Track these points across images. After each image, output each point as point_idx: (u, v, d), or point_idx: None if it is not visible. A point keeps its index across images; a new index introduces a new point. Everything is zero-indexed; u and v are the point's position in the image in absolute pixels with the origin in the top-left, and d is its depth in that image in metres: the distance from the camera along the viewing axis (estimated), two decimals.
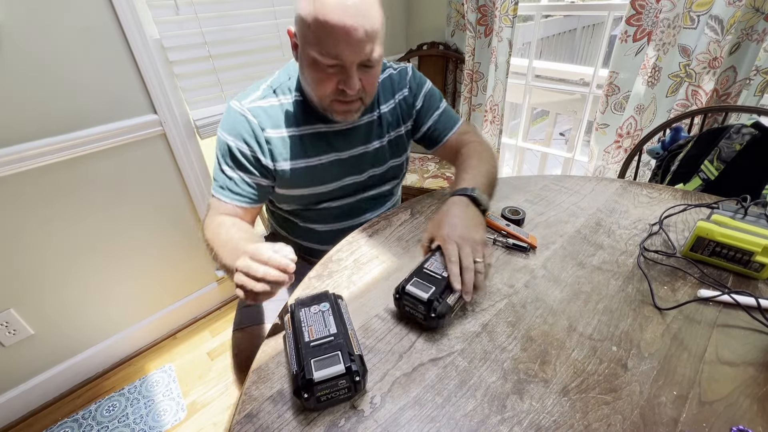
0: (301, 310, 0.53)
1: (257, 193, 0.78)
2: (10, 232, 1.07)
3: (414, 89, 0.86)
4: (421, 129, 0.88)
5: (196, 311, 1.59)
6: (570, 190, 0.91)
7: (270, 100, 0.76)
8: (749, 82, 1.07)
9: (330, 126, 0.78)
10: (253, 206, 0.78)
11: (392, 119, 0.85)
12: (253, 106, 0.74)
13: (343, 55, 0.62)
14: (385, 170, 0.88)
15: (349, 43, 0.61)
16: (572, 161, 1.78)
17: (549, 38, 4.68)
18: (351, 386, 0.46)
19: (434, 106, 0.87)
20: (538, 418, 0.46)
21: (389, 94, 0.84)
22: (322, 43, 0.61)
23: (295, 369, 0.47)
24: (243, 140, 0.73)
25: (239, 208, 0.76)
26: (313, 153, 0.78)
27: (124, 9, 1.05)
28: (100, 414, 1.24)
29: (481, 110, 1.68)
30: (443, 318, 0.55)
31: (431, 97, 0.87)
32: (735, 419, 0.44)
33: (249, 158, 0.74)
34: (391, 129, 0.85)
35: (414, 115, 0.87)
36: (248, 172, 0.75)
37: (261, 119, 0.74)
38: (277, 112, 0.75)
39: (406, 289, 0.55)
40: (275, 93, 0.76)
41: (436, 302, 0.54)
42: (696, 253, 0.66)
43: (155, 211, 1.33)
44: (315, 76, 0.66)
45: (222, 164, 0.75)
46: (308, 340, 0.48)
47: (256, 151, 0.74)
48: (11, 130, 0.99)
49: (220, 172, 0.76)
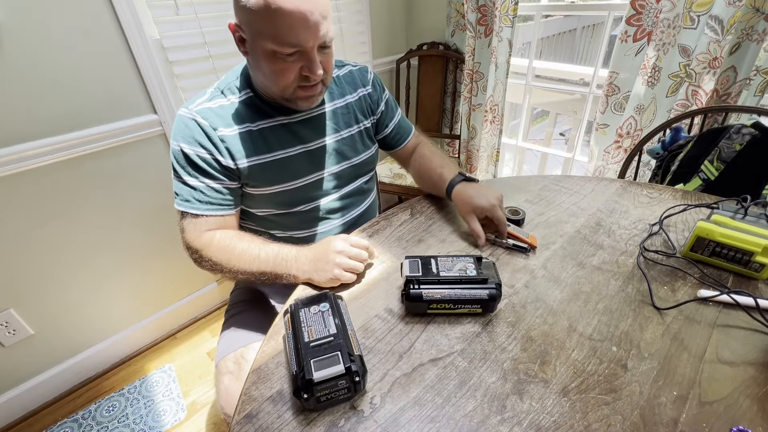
0: (300, 310, 0.53)
1: (229, 197, 0.74)
2: (10, 232, 1.07)
3: (378, 91, 0.89)
4: (382, 132, 0.92)
5: (196, 311, 1.59)
6: (570, 190, 0.91)
7: (218, 101, 0.73)
8: (749, 82, 1.07)
9: (290, 117, 0.76)
10: (229, 213, 0.75)
11: (359, 110, 0.85)
12: (200, 108, 0.71)
13: (302, 42, 0.61)
14: (359, 161, 0.86)
15: (307, 28, 0.60)
16: (572, 161, 1.78)
17: (549, 38, 4.68)
18: (351, 386, 0.46)
19: (395, 113, 0.93)
20: (538, 418, 0.46)
21: (352, 88, 0.85)
22: (279, 33, 0.59)
23: (294, 369, 0.47)
24: (198, 144, 0.69)
25: (218, 217, 0.73)
26: (278, 146, 0.75)
27: (124, 9, 1.05)
28: (100, 414, 1.24)
29: (481, 110, 1.68)
30: (412, 301, 0.57)
31: (391, 103, 0.93)
32: (735, 419, 0.44)
33: (209, 162, 0.70)
34: (360, 119, 0.86)
35: (378, 115, 0.89)
36: (213, 177, 0.71)
37: (211, 120, 0.70)
38: (227, 111, 0.72)
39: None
40: (223, 93, 0.74)
41: (411, 286, 0.57)
42: (696, 253, 0.66)
43: (155, 211, 1.33)
44: (275, 68, 0.64)
45: (183, 175, 0.70)
46: (308, 340, 0.48)
47: (214, 152, 0.70)
48: (11, 129, 0.99)
49: (182, 185, 0.71)
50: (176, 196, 0.72)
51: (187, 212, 0.71)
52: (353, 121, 0.84)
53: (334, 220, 0.86)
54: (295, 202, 0.80)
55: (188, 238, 0.72)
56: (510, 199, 0.89)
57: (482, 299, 0.57)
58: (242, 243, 0.71)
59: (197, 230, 0.71)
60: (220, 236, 0.71)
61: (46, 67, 0.99)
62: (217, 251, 0.70)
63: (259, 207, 0.80)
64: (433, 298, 0.57)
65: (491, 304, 0.57)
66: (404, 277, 0.58)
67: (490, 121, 1.71)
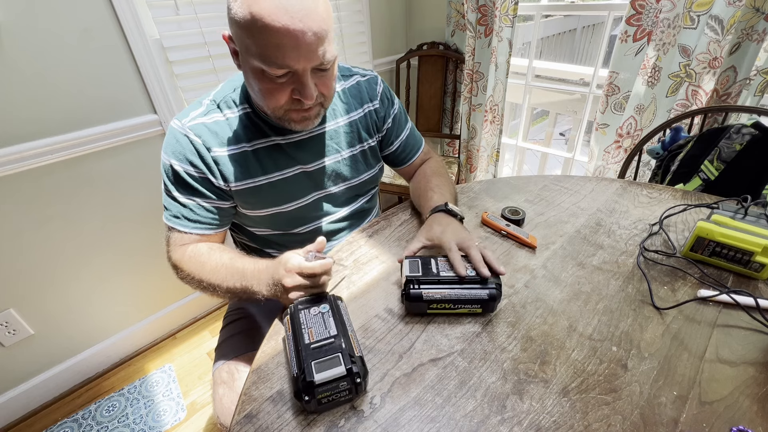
0: (300, 312, 0.53)
1: (218, 217, 0.71)
2: (10, 232, 1.07)
3: (386, 105, 0.82)
4: (388, 149, 0.86)
5: (196, 311, 1.59)
6: (570, 190, 0.91)
7: (213, 115, 0.68)
8: (749, 82, 1.07)
9: (287, 137, 0.71)
10: (217, 232, 0.72)
11: (363, 128, 0.80)
12: (194, 123, 0.66)
13: (291, 64, 0.55)
14: (360, 182, 0.81)
15: (298, 50, 0.54)
16: (572, 161, 1.78)
17: (549, 38, 4.69)
18: (352, 388, 0.46)
19: (402, 128, 0.86)
20: (538, 418, 0.46)
21: (357, 103, 0.79)
22: (266, 53, 0.54)
23: (295, 371, 0.46)
24: (189, 162, 0.66)
25: (202, 236, 0.70)
26: (273, 168, 0.71)
27: (124, 9, 1.05)
28: (100, 414, 1.24)
29: (481, 110, 1.68)
30: (411, 302, 0.57)
31: (400, 118, 0.86)
32: (735, 419, 0.44)
33: (199, 181, 0.67)
34: (364, 137, 0.80)
35: (384, 132, 0.83)
36: (203, 196, 0.68)
37: (205, 138, 0.66)
38: (223, 128, 0.67)
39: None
40: (219, 108, 0.68)
41: (411, 286, 0.56)
42: (696, 253, 0.66)
43: (155, 211, 1.32)
44: (263, 87, 0.58)
45: (172, 191, 0.67)
46: (308, 342, 0.48)
47: (205, 172, 0.67)
48: (11, 129, 0.99)
49: (172, 200, 0.68)
50: (165, 210, 0.69)
51: (173, 227, 0.69)
52: (356, 141, 0.79)
53: (333, 241, 0.83)
54: (291, 223, 0.78)
55: (170, 250, 0.70)
56: (510, 199, 0.89)
57: (482, 299, 0.57)
58: (215, 254, 0.67)
59: (177, 243, 0.70)
60: (192, 250, 0.69)
61: (46, 67, 0.99)
62: (190, 262, 0.67)
63: (256, 226, 0.78)
64: (433, 298, 0.57)
65: (491, 304, 0.57)
66: (404, 277, 0.58)
67: (490, 121, 1.71)
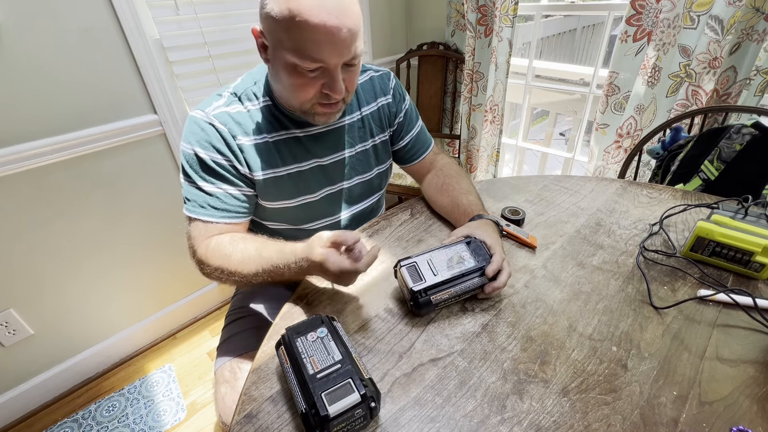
0: (297, 339, 0.48)
1: (247, 204, 0.71)
2: (10, 232, 1.07)
3: (398, 100, 0.83)
4: (398, 144, 0.86)
5: (196, 311, 1.59)
6: (570, 190, 0.91)
7: (235, 106, 0.69)
8: (749, 82, 1.07)
9: (305, 130, 0.73)
10: (245, 220, 0.72)
11: (375, 123, 0.81)
12: (218, 112, 0.67)
13: (326, 59, 0.57)
14: (371, 177, 0.82)
15: (334, 45, 0.56)
16: (572, 161, 1.78)
17: (549, 38, 4.68)
18: (367, 414, 0.43)
19: (413, 125, 0.87)
20: (538, 418, 0.46)
21: (371, 97, 0.80)
22: (302, 48, 0.56)
23: (303, 407, 0.42)
24: (216, 150, 0.66)
25: (231, 225, 0.69)
26: (291, 160, 0.72)
27: (124, 9, 1.05)
28: (100, 414, 1.24)
29: (481, 110, 1.68)
30: (421, 309, 0.58)
31: (411, 114, 0.86)
32: (735, 419, 0.44)
33: (228, 168, 0.67)
34: (376, 133, 0.81)
35: (395, 127, 0.84)
36: (232, 183, 0.68)
37: (230, 126, 0.67)
38: (245, 118, 0.68)
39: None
40: (240, 100, 0.69)
41: (419, 296, 0.57)
42: (696, 253, 0.66)
43: (155, 211, 1.33)
44: (294, 82, 0.60)
45: (197, 180, 0.66)
46: (313, 372, 0.44)
47: (233, 160, 0.67)
48: (11, 129, 0.99)
49: (197, 190, 0.67)
50: (187, 201, 0.68)
51: (198, 219, 0.68)
52: (368, 136, 0.80)
53: None
54: (306, 218, 0.79)
55: (195, 245, 0.68)
56: (510, 199, 0.89)
57: (483, 284, 0.60)
58: (239, 244, 0.66)
59: (205, 235, 0.68)
60: (215, 242, 0.67)
61: (46, 67, 0.99)
62: (214, 256, 0.65)
63: (271, 220, 0.79)
64: (441, 299, 0.58)
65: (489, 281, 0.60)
66: (408, 288, 0.57)
67: (490, 121, 1.71)
